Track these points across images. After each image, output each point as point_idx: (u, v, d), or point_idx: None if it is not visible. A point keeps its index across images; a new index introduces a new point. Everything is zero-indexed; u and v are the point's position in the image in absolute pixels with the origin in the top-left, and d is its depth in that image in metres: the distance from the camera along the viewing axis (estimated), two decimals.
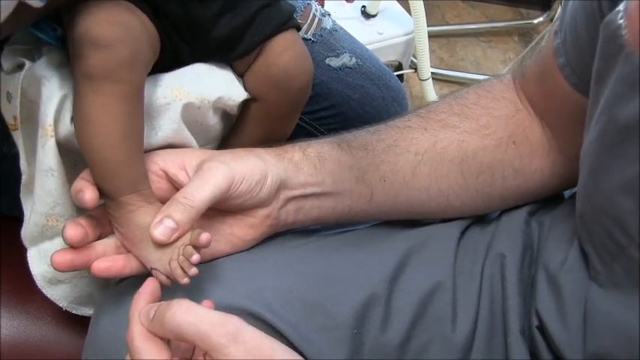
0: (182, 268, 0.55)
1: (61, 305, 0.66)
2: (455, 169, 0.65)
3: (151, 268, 0.56)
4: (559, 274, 0.60)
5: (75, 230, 0.55)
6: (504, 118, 0.66)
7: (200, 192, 0.55)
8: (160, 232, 0.54)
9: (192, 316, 0.48)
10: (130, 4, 0.57)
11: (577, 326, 0.57)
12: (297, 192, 0.62)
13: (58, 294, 0.65)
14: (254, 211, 0.61)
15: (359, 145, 0.65)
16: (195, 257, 0.55)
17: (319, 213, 0.64)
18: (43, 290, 0.64)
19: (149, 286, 0.54)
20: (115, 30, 0.54)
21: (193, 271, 0.55)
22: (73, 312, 0.67)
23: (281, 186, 0.61)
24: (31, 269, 0.63)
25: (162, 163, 0.59)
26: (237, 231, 0.61)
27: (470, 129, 0.66)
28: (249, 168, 0.58)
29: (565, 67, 0.61)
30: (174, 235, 0.54)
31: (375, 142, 0.65)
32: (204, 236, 0.55)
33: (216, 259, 0.62)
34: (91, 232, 0.57)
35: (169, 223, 0.54)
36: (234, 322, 0.48)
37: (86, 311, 0.67)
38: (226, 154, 0.60)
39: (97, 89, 0.54)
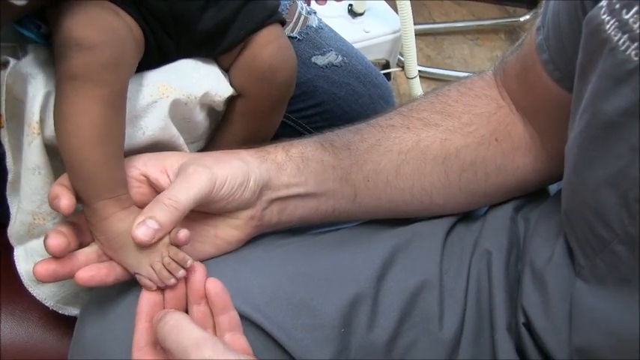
0: (168, 270, 0.55)
1: (47, 305, 0.65)
2: (438, 168, 0.65)
3: (135, 274, 0.56)
4: (545, 270, 0.60)
5: (58, 240, 0.54)
6: (486, 116, 0.66)
7: (184, 194, 0.55)
8: (142, 232, 0.53)
9: (176, 333, 0.49)
10: (113, 5, 0.57)
11: (562, 322, 0.57)
12: (280, 193, 0.62)
13: (45, 293, 0.65)
14: (238, 212, 0.61)
15: (342, 145, 0.65)
16: (190, 262, 0.55)
17: (302, 213, 0.64)
18: (30, 289, 0.64)
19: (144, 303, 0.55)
20: (99, 32, 0.54)
21: (182, 273, 0.55)
22: (59, 312, 0.66)
23: (264, 187, 0.61)
24: (18, 268, 0.63)
25: (143, 167, 0.59)
26: (221, 233, 0.61)
27: (452, 127, 0.66)
28: (231, 171, 0.58)
29: (548, 63, 0.61)
30: (156, 237, 0.54)
31: (358, 142, 0.65)
32: (183, 233, 0.55)
33: (201, 261, 0.61)
34: (73, 239, 0.56)
35: (152, 224, 0.54)
36: (212, 346, 0.48)
37: (72, 311, 0.67)
38: (208, 158, 0.60)
39: (77, 90, 0.54)
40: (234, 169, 0.59)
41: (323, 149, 0.64)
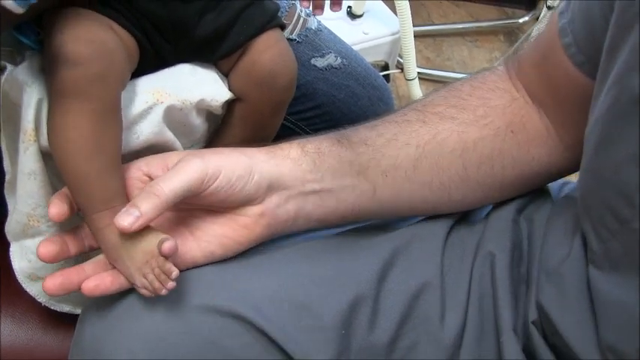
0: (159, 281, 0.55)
1: (39, 301, 0.67)
2: (456, 161, 0.65)
3: (132, 283, 0.56)
4: (562, 266, 0.59)
5: (47, 248, 0.56)
6: (501, 108, 0.66)
7: (167, 183, 0.54)
8: (123, 219, 0.53)
9: None
10: (105, 18, 0.57)
11: (584, 314, 0.56)
12: (294, 190, 0.61)
13: (38, 290, 0.66)
14: (245, 209, 0.59)
15: (359, 140, 0.64)
16: (175, 273, 0.55)
17: (321, 213, 0.63)
18: (23, 285, 0.65)
19: None
20: (87, 47, 0.54)
21: (171, 284, 0.55)
22: (52, 308, 0.68)
23: (275, 183, 0.59)
24: (13, 264, 0.64)
25: (146, 167, 0.59)
26: (228, 232, 0.60)
27: (468, 120, 0.65)
28: (228, 163, 0.57)
29: (571, 46, 0.61)
30: (137, 224, 0.53)
31: (374, 137, 0.64)
32: (167, 245, 0.54)
33: (211, 263, 0.60)
34: (73, 244, 0.57)
35: (133, 212, 0.53)
36: None
37: (64, 307, 0.68)
38: (207, 151, 0.60)
39: (67, 105, 0.54)
40: (231, 161, 0.58)
41: (340, 145, 0.63)
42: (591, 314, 0.56)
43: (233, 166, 0.57)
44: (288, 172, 0.60)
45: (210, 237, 0.60)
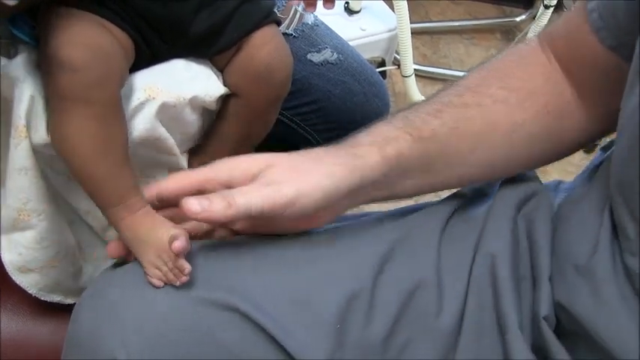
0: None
1: (30, 292, 0.68)
2: (506, 143, 0.67)
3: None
4: (589, 262, 0.59)
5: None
6: (540, 86, 0.68)
7: (241, 199, 0.55)
8: (192, 203, 0.53)
9: None
10: (99, 18, 0.57)
11: (620, 306, 0.56)
12: (363, 194, 0.62)
13: (28, 281, 0.67)
14: None
15: (430, 135, 0.65)
16: (188, 270, 0.56)
17: (373, 199, 0.65)
18: (13, 277, 0.66)
19: None
20: (82, 52, 0.54)
21: (184, 279, 0.56)
22: (42, 298, 0.69)
23: (349, 193, 0.61)
24: (2, 256, 0.65)
25: (229, 172, 0.59)
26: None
27: (516, 101, 0.67)
28: (309, 189, 0.58)
29: (593, 11, 0.62)
30: (201, 216, 0.54)
31: (439, 128, 0.65)
32: (177, 243, 0.55)
33: (212, 256, 0.61)
34: None
35: (204, 204, 0.54)
36: None
37: (54, 298, 0.69)
38: (292, 170, 0.59)
39: (69, 110, 0.55)
40: (313, 187, 0.58)
41: (413, 142, 0.64)
42: (630, 305, 0.56)
43: (313, 190, 0.58)
44: (362, 181, 0.61)
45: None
